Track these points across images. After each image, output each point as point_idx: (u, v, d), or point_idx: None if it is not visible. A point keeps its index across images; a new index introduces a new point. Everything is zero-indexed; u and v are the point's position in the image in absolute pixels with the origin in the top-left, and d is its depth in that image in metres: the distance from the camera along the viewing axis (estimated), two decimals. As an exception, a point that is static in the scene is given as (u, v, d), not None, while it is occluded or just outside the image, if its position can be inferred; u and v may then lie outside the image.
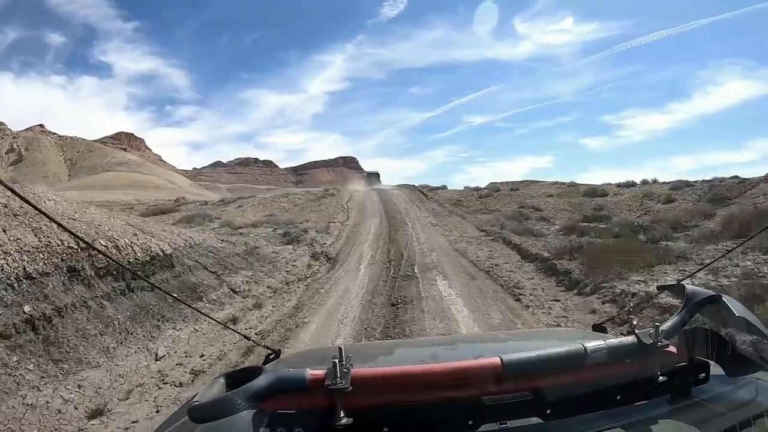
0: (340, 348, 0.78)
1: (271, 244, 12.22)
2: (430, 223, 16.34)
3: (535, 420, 0.80)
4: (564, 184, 24.60)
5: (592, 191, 20.86)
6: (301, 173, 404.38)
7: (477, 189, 25.39)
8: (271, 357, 1.34)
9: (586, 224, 13.55)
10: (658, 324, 0.88)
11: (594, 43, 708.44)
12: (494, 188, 24.37)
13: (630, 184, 21.67)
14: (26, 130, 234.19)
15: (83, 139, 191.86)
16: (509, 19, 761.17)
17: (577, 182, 24.22)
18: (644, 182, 21.66)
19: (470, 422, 0.77)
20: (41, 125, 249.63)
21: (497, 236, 12.24)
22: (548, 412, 0.79)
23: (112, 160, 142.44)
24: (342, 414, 0.73)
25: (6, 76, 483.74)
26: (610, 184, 22.91)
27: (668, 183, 20.41)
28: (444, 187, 29.80)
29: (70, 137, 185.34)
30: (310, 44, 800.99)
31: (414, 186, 32.47)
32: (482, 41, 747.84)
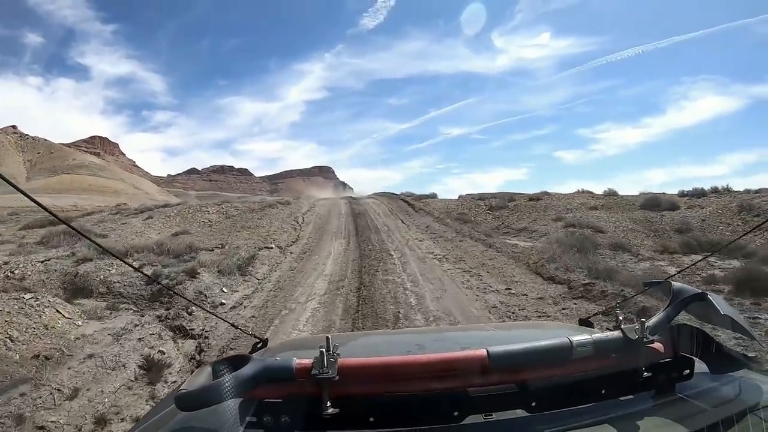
0: (327, 337, 0.78)
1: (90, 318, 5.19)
2: (430, 253, 9.50)
3: (520, 412, 0.79)
4: (595, 193, 18.34)
5: (654, 202, 14.63)
6: (277, 182, 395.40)
7: (482, 198, 18.72)
8: (258, 346, 1.37)
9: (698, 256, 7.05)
10: (644, 320, 0.87)
11: (570, 57, 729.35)
12: (508, 198, 17.80)
13: (699, 193, 15.55)
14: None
15: (45, 140, 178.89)
16: (487, 33, 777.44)
17: (618, 191, 17.95)
18: (715, 190, 15.63)
19: (456, 413, 0.76)
20: (14, 126, 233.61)
21: (595, 293, 5.56)
22: (533, 404, 0.79)
23: (73, 163, 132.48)
24: (329, 403, 0.73)
25: None
26: (665, 193, 16.82)
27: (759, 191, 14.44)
28: (434, 196, 23.02)
29: (32, 137, 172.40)
30: (289, 52, 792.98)
31: (395, 194, 25.71)
32: (460, 54, 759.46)
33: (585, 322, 1.46)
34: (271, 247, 10.62)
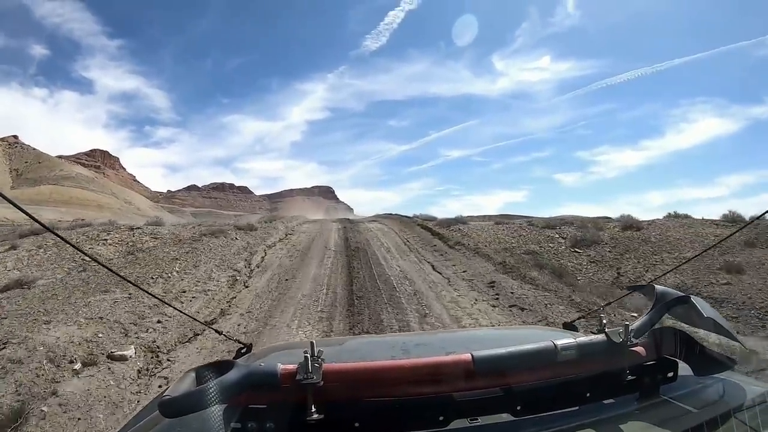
0: (311, 342, 0.78)
1: None
2: None
3: (505, 416, 0.79)
4: (716, 220, 11.70)
5: None
6: (277, 201, 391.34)
7: (550, 226, 11.94)
8: (242, 351, 1.35)
9: None
10: (627, 323, 0.88)
11: (570, 81, 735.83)
12: (594, 225, 11.13)
13: None
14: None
15: (34, 149, 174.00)
16: (488, 56, 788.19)
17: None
18: None
19: (441, 418, 0.76)
20: (15, 136, 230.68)
21: None
22: (518, 408, 0.79)
23: (60, 174, 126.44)
24: (313, 409, 0.72)
25: None
26: None
27: None
28: (463, 221, 15.84)
29: (21, 146, 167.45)
30: (292, 72, 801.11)
31: (407, 217, 18.99)
32: (461, 76, 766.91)
33: (569, 326, 1.44)
34: (124, 356, 4.02)
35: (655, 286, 1.04)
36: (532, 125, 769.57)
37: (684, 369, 0.89)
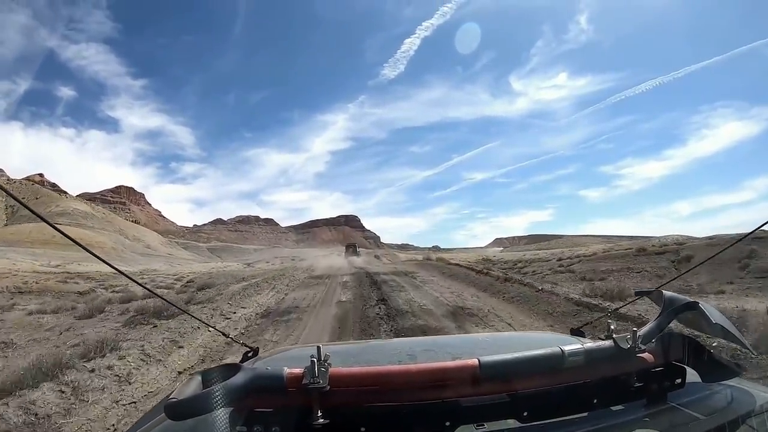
0: (318, 347, 0.77)
1: None
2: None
3: (512, 422, 0.79)
4: None
5: None
6: (303, 231, 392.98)
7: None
8: (249, 355, 1.39)
9: None
10: (635, 329, 0.87)
11: (588, 96, 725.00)
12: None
13: None
14: (25, 178, 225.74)
15: (33, 184, 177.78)
16: (505, 77, 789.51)
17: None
18: None
19: (447, 423, 0.76)
20: (40, 174, 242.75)
21: None
22: (525, 414, 0.79)
23: (55, 209, 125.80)
24: (319, 413, 0.72)
25: (16, 125, 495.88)
26: None
27: None
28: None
29: (20, 181, 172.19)
30: (313, 104, 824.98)
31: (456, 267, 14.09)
32: (480, 99, 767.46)
33: (576, 332, 1.45)
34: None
35: (663, 291, 1.03)
36: (554, 143, 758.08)
37: (692, 375, 0.89)
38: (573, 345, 0.84)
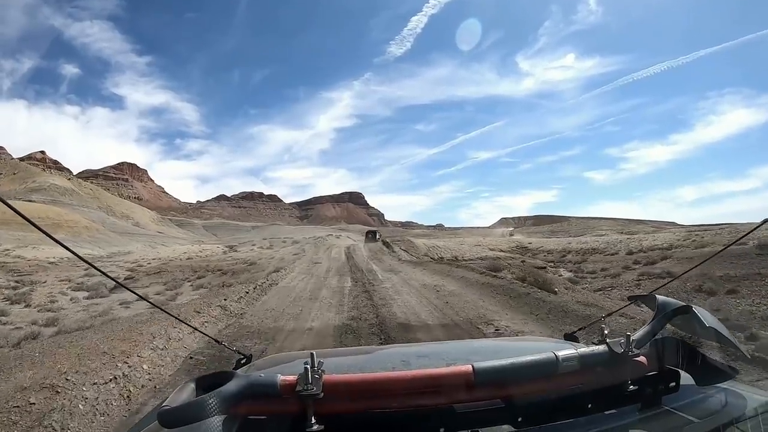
0: (311, 353, 0.77)
1: None
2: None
3: (506, 428, 0.79)
4: None
5: None
6: (307, 208, 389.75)
7: None
8: (242, 362, 1.35)
9: None
10: (629, 333, 0.87)
11: (595, 78, 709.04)
12: None
13: None
14: (26, 156, 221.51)
15: (12, 159, 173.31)
16: (512, 57, 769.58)
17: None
18: None
19: (442, 429, 0.76)
20: (42, 151, 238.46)
21: None
22: (519, 419, 0.79)
23: (32, 185, 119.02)
24: (313, 420, 0.72)
25: (20, 104, 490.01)
26: None
27: None
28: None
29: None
30: (318, 81, 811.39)
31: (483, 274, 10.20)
32: (486, 78, 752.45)
33: (570, 337, 1.43)
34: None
35: (657, 296, 1.03)
36: (560, 124, 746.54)
37: (686, 379, 0.89)
38: (567, 350, 0.84)
